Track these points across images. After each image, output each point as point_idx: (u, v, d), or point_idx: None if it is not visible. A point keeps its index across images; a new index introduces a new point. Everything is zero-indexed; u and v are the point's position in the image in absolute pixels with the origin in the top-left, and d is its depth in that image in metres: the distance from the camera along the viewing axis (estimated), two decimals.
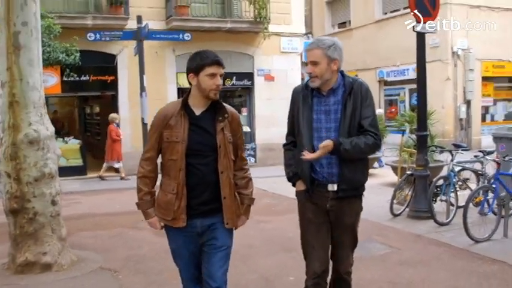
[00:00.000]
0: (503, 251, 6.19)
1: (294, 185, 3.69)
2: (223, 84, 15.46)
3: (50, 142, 5.72)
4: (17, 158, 5.52)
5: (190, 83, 3.35)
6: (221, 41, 15.14)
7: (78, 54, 11.31)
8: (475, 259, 5.92)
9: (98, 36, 8.01)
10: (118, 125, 13.78)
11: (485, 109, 21.19)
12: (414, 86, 19.50)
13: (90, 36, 7.66)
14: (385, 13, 22.69)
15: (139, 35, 7.40)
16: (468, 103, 19.90)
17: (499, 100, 21.68)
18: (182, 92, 15.89)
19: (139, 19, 7.27)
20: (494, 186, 6.85)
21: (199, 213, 3.30)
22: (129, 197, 10.74)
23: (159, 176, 3.44)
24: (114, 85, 14.62)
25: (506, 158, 7.06)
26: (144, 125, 7.67)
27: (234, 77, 15.81)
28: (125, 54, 14.36)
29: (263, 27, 15.30)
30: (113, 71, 14.56)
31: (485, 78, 20.60)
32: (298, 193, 3.68)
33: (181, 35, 8.54)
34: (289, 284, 5.17)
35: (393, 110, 22.42)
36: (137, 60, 12.94)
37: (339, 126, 3.43)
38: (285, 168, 3.74)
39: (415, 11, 7.80)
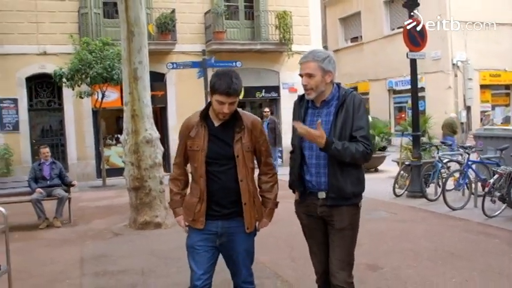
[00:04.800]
0: (470, 214, 8.78)
1: (293, 192, 3.74)
2: (255, 96, 18.49)
3: (157, 142, 8.49)
4: (138, 152, 8.28)
5: None
6: (252, 60, 17.92)
7: None
8: (448, 218, 8.58)
9: (175, 65, 10.74)
10: None
11: (484, 114, 23.68)
12: (420, 94, 22.23)
13: (169, 66, 10.37)
14: (393, 29, 25.34)
15: (205, 64, 10.16)
16: (468, 109, 22.45)
17: (497, 105, 24.19)
18: None
19: (203, 52, 10.04)
20: (465, 170, 9.49)
21: (221, 216, 3.47)
22: None
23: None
24: (163, 99, 17.50)
25: (473, 149, 9.69)
26: None
27: (263, 90, 18.72)
28: (172, 73, 17.20)
29: (287, 47, 18.12)
30: (163, 87, 17.44)
31: (483, 86, 23.17)
32: (295, 201, 3.74)
33: (234, 63, 11.26)
34: None
35: (402, 115, 25.01)
36: (182, 78, 15.88)
37: (328, 135, 3.38)
38: (289, 175, 3.74)
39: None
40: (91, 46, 14.43)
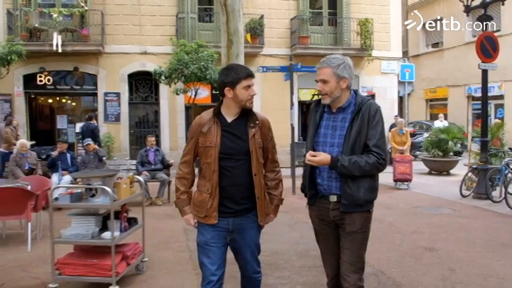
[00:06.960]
0: None
1: (305, 195, 3.76)
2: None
3: None
4: None
5: (222, 95, 3.56)
6: None
7: None
8: (508, 217, 9.37)
9: (265, 69, 12.08)
10: None
11: None
12: (499, 101, 22.59)
13: (260, 70, 11.75)
14: (474, 36, 25.51)
15: (292, 69, 11.45)
16: None
17: None
18: (301, 104, 19.88)
19: (290, 57, 11.33)
20: None
21: (232, 213, 3.54)
22: None
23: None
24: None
25: None
26: (292, 128, 11.69)
27: None
28: (257, 75, 18.55)
29: (368, 53, 19.07)
30: None
31: None
32: (307, 205, 3.78)
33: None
34: None
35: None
36: (267, 78, 17.19)
37: (343, 143, 3.46)
38: (302, 178, 3.80)
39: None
40: (187, 48, 15.99)
